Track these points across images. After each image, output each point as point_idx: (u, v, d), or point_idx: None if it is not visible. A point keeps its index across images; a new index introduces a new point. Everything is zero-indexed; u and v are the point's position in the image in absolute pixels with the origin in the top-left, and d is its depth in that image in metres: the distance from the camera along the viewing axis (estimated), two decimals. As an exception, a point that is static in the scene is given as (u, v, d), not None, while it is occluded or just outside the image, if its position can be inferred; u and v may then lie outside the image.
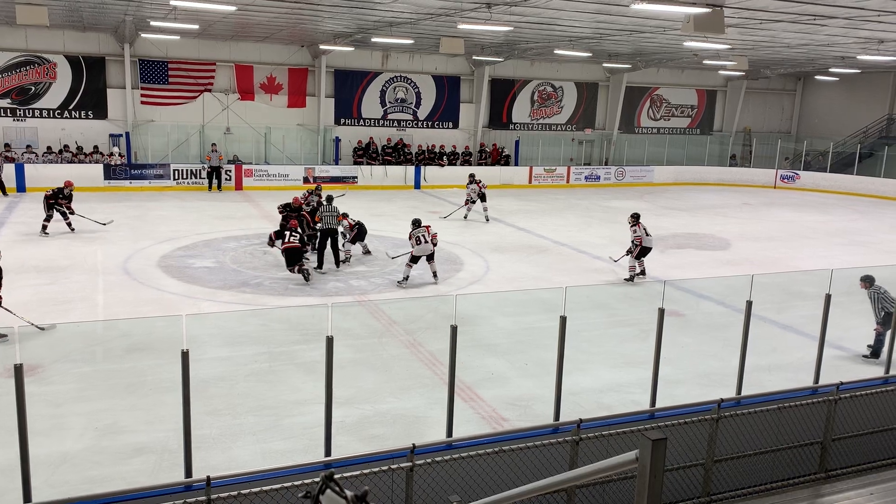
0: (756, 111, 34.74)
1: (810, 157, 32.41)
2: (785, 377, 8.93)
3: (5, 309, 9.88)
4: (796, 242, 18.89)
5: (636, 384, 8.72)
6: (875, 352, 10.01)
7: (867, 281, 10.05)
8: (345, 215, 15.00)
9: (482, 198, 20.45)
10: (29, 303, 11.47)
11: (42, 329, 9.74)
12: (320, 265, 14.13)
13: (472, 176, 21.33)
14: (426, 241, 13.31)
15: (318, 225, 14.34)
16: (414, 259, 13.36)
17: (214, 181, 24.08)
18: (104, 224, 17.05)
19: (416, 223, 13.61)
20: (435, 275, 13.50)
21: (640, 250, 14.19)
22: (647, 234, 14.34)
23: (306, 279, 13.13)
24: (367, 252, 15.56)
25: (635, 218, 14.46)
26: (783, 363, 9.86)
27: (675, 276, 14.17)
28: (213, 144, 24.52)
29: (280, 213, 15.89)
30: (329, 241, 14.26)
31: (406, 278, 13.29)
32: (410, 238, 13.45)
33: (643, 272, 14.39)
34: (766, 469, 6.63)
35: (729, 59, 24.44)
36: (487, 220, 20.29)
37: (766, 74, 31.13)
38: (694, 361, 9.94)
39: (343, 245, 14.89)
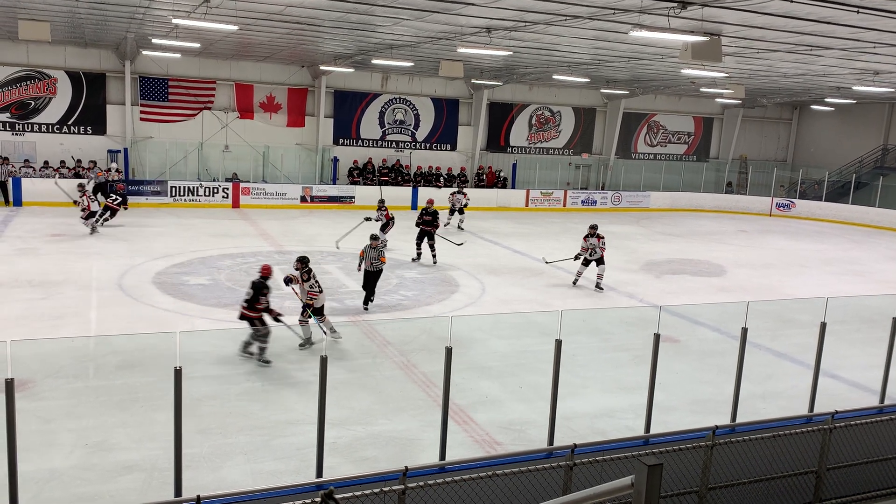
0: (752, 139, 34.98)
1: (806, 185, 32.59)
2: (780, 405, 8.91)
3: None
4: (791, 270, 18.93)
5: (630, 410, 8.69)
6: None
7: None
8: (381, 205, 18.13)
9: (461, 210, 22.16)
10: (22, 317, 11.42)
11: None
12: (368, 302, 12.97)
13: (460, 186, 22.76)
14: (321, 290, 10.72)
15: (365, 266, 12.77)
16: (316, 312, 10.54)
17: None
18: None
19: (305, 261, 10.70)
20: (309, 340, 10.51)
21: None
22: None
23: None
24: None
25: (594, 228, 15.56)
26: (778, 391, 9.83)
27: (670, 302, 14.18)
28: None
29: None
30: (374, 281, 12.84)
31: (309, 339, 10.49)
32: (303, 283, 10.54)
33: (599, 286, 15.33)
34: (760, 497, 6.59)
35: (726, 88, 24.64)
36: (461, 229, 21.98)
37: (762, 103, 31.41)
38: (688, 388, 9.91)
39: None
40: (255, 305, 9.94)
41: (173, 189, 23.93)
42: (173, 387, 5.13)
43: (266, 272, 10.07)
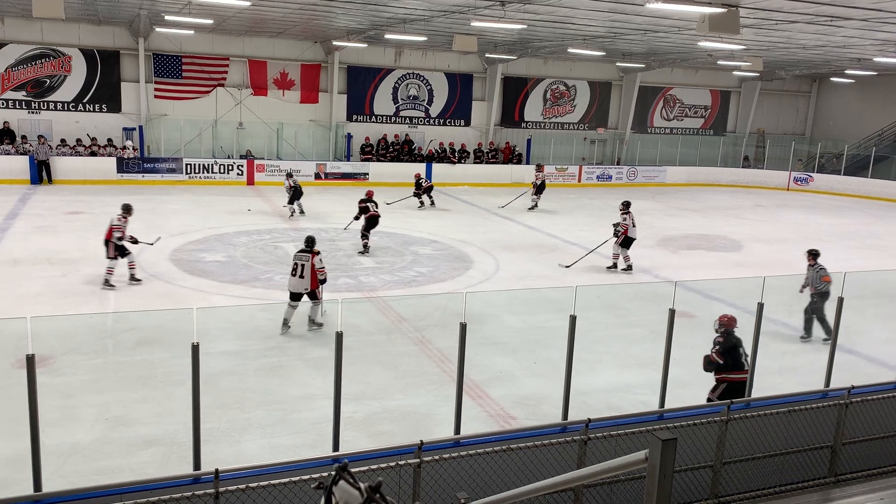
0: (770, 113, 34.51)
1: (824, 159, 32.17)
2: (796, 380, 8.88)
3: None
4: (809, 245, 18.65)
5: (645, 385, 8.69)
6: None
7: None
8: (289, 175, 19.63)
9: (540, 189, 22.27)
10: (41, 294, 11.56)
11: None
12: None
13: (539, 166, 23.43)
14: (301, 276, 10.13)
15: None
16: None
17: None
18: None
19: (308, 242, 10.40)
20: (313, 322, 10.34)
21: (623, 239, 14.75)
22: (634, 225, 14.91)
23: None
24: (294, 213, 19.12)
25: (626, 206, 15.08)
26: (794, 366, 9.80)
27: (686, 277, 14.12)
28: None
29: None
30: None
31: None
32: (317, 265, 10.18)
33: (630, 267, 14.78)
34: (775, 472, 6.59)
35: (743, 60, 24.28)
36: (531, 209, 22.06)
37: (780, 76, 30.92)
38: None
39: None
40: None
41: (188, 166, 24.01)
42: (191, 362, 5.18)
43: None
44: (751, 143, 33.88)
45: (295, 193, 19.15)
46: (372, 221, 15.60)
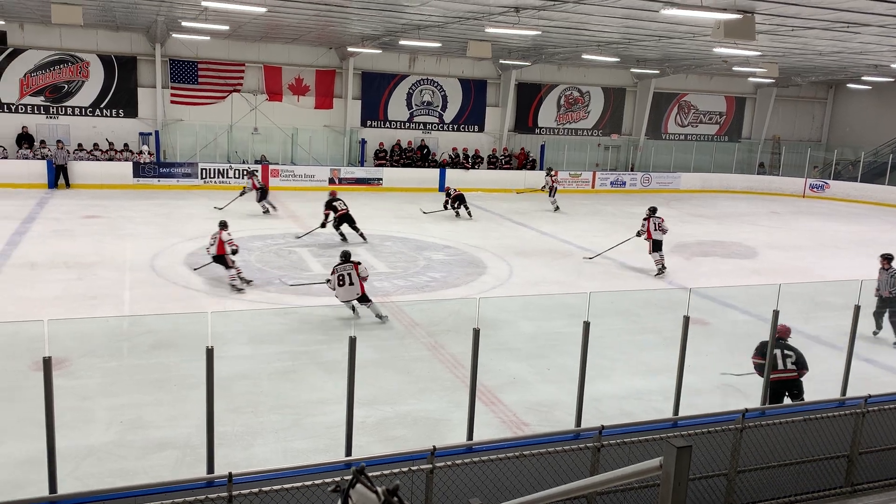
0: (786, 119, 34.30)
1: (840, 166, 31.92)
2: (812, 388, 8.79)
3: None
4: (825, 252, 18.61)
5: (659, 392, 8.65)
6: None
7: None
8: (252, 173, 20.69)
9: (552, 193, 23.34)
10: (58, 297, 11.66)
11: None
12: None
13: (549, 169, 24.57)
14: (350, 283, 10.89)
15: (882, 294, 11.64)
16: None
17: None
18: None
19: (344, 256, 11.23)
20: (379, 316, 11.02)
21: (653, 244, 15.03)
22: (656, 229, 15.05)
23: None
24: (266, 211, 19.83)
25: (650, 212, 15.35)
26: (810, 374, 9.67)
27: (700, 284, 14.03)
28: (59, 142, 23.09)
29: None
30: None
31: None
32: (333, 275, 11.08)
33: (663, 268, 15.09)
34: (790, 481, 6.54)
35: (759, 66, 24.17)
36: (556, 209, 23.07)
37: (796, 82, 30.74)
38: (718, 370, 9.82)
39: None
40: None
41: (204, 171, 24.17)
42: (205, 366, 5.21)
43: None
44: (766, 149, 33.67)
45: (262, 193, 19.98)
46: (344, 219, 16.62)
